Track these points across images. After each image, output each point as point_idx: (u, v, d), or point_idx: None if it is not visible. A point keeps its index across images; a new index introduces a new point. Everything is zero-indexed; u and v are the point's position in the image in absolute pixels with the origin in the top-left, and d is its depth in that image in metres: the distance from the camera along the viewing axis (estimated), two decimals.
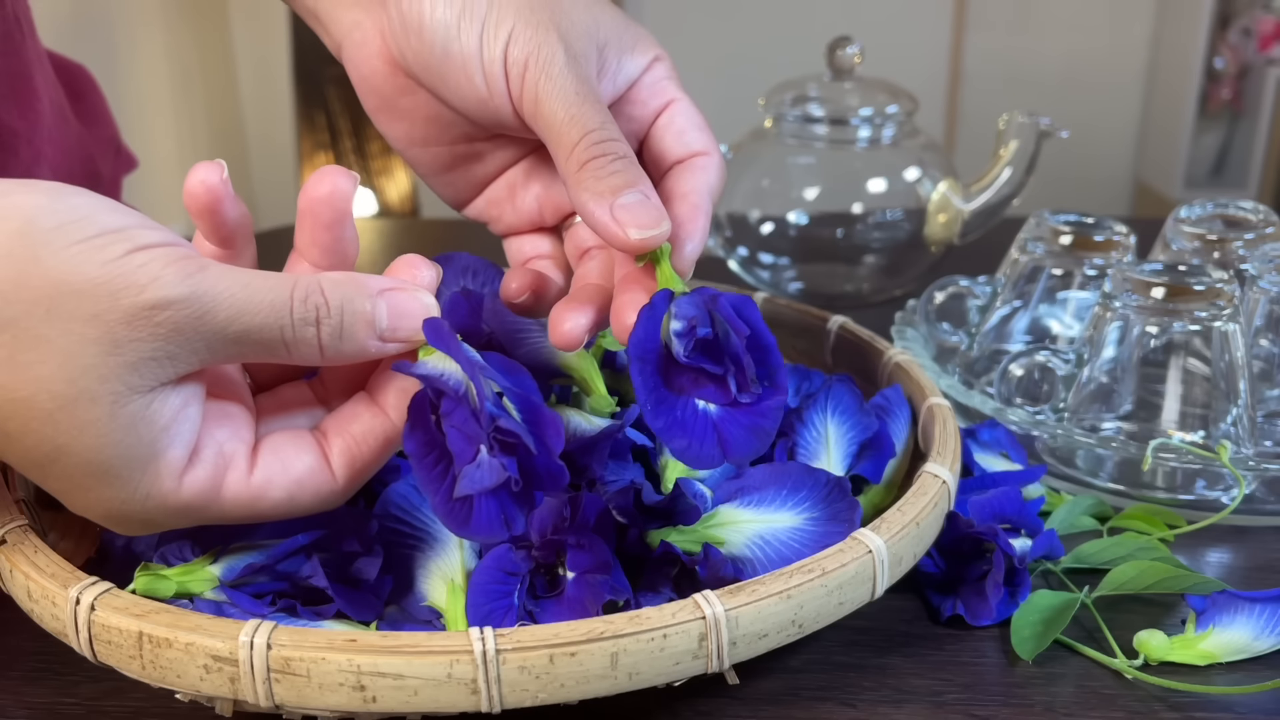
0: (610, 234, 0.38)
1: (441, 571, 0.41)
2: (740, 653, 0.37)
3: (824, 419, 0.49)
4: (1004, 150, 0.77)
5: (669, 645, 0.35)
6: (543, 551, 0.40)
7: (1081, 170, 2.67)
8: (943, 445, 0.47)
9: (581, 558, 0.40)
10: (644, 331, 0.37)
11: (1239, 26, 2.55)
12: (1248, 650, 0.43)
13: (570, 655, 0.34)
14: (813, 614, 0.38)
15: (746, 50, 2.56)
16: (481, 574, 0.40)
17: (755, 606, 0.36)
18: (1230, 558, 0.51)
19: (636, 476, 0.45)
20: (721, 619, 0.36)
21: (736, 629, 0.36)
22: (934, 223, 0.78)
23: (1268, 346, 0.61)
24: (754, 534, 0.42)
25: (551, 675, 0.34)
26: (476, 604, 0.39)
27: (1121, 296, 0.56)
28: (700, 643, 0.36)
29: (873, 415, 0.50)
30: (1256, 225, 0.65)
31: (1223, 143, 2.62)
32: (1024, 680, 0.42)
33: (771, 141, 0.80)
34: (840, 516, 0.42)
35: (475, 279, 0.53)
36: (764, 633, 0.37)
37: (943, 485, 0.44)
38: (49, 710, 0.41)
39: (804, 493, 0.43)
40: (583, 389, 0.47)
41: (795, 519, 0.42)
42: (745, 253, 0.80)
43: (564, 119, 0.39)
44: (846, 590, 0.39)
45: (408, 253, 0.40)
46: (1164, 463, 0.54)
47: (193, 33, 2.39)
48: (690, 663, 0.36)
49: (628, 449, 0.46)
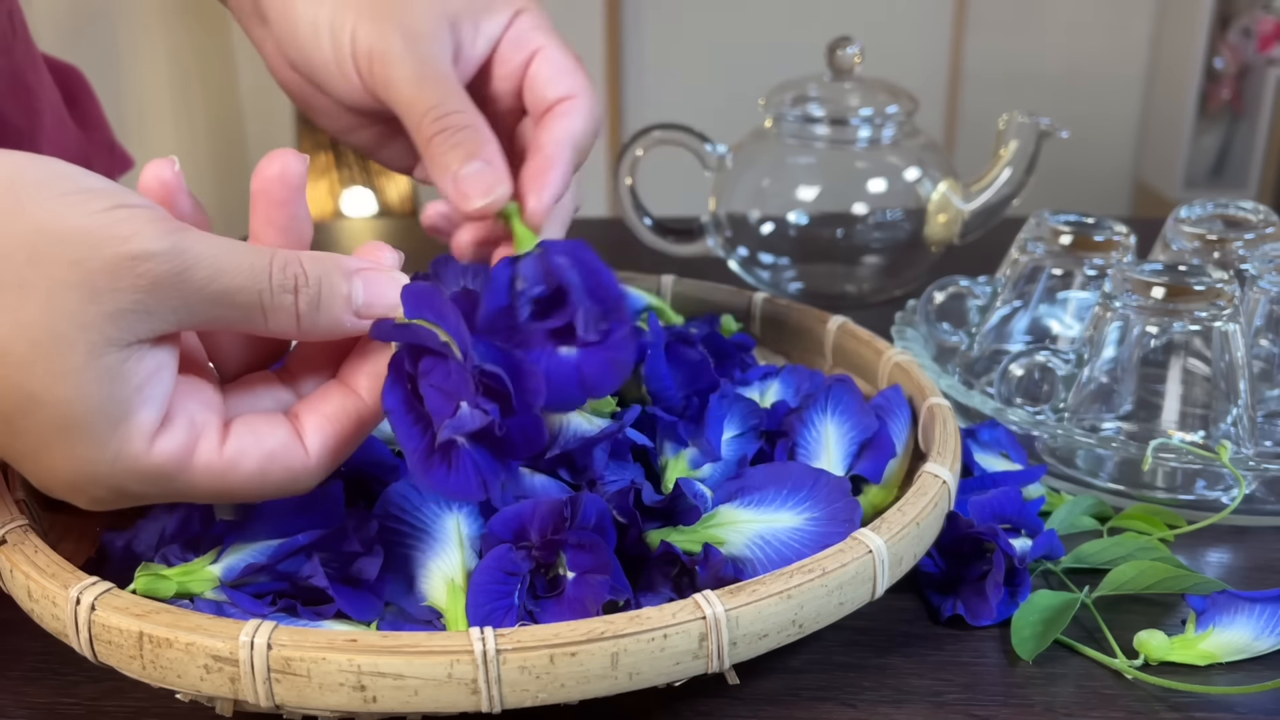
0: (456, 205, 0.42)
1: (442, 571, 0.41)
2: (740, 653, 0.37)
3: (824, 419, 0.50)
4: (1004, 150, 0.77)
5: (669, 645, 0.35)
6: (543, 551, 0.40)
7: (1081, 170, 2.67)
8: (943, 445, 0.47)
9: (582, 558, 0.40)
10: (491, 302, 0.40)
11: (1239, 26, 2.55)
12: (1248, 650, 0.43)
13: (571, 655, 0.34)
14: (813, 614, 0.38)
15: (747, 50, 2.56)
16: (482, 574, 0.40)
17: (755, 606, 0.36)
18: (1230, 558, 0.51)
19: (637, 476, 0.45)
20: (722, 619, 0.36)
21: (737, 629, 0.36)
22: (934, 223, 0.78)
23: (1268, 346, 0.61)
24: (754, 534, 0.42)
25: (552, 675, 0.34)
26: (477, 604, 0.39)
27: (1121, 296, 0.56)
28: (701, 643, 0.36)
29: (873, 415, 0.50)
30: (1256, 225, 0.65)
31: (1222, 143, 2.62)
32: (1024, 680, 0.42)
33: (772, 142, 0.80)
34: (840, 516, 0.42)
35: (475, 279, 0.53)
36: (764, 633, 0.37)
37: (943, 485, 0.44)
38: (49, 710, 0.41)
39: (804, 493, 0.43)
40: None
41: (796, 519, 0.42)
42: (745, 253, 0.80)
43: (407, 101, 0.43)
44: (847, 590, 0.39)
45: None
46: (1164, 463, 0.54)
47: (192, 34, 2.39)
48: (691, 663, 0.36)
49: (628, 449, 0.46)
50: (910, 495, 0.43)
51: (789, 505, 0.43)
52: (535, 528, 0.40)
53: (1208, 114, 2.59)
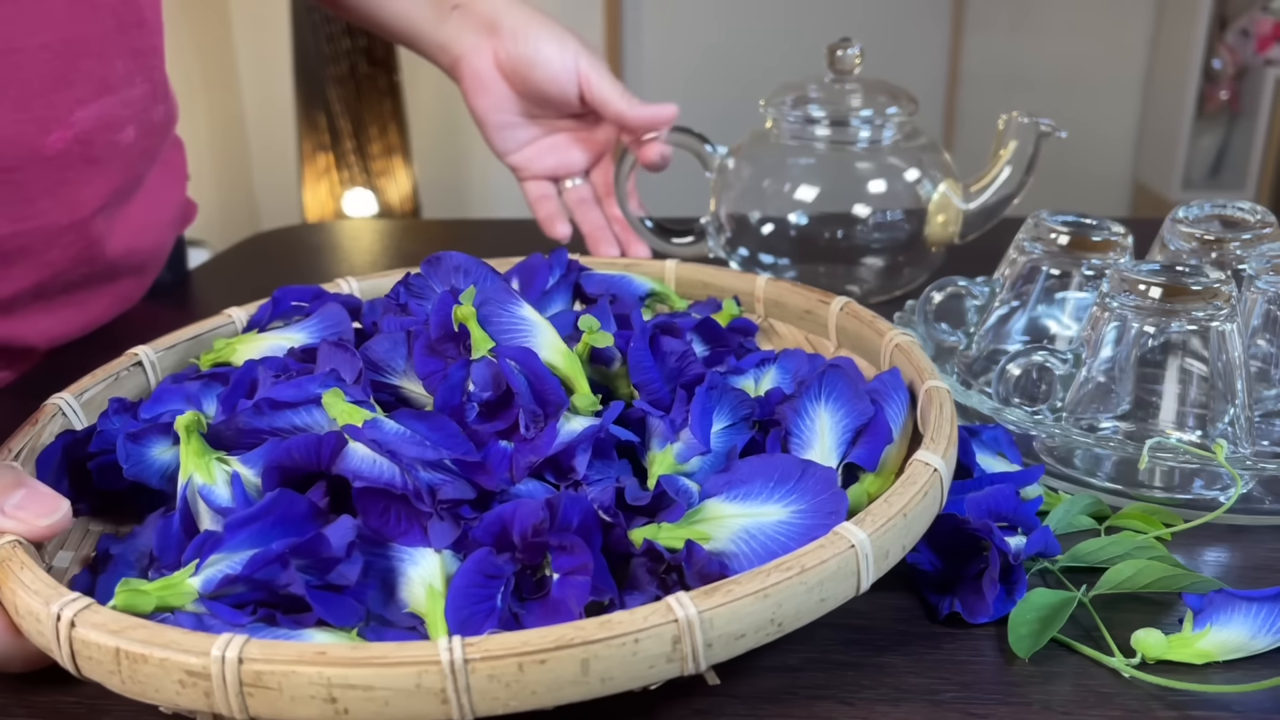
0: (649, 119, 0.78)
1: (422, 577, 0.41)
2: (717, 654, 0.36)
3: (817, 406, 0.48)
4: (1004, 151, 0.77)
5: (641, 650, 0.35)
6: (526, 554, 0.40)
7: (1080, 171, 2.68)
8: (938, 431, 0.45)
9: (565, 559, 0.40)
10: (443, 398, 0.46)
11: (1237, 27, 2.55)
12: (1244, 649, 0.43)
13: (540, 663, 0.34)
14: (792, 612, 0.37)
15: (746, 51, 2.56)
16: (462, 578, 0.40)
17: (731, 607, 0.36)
18: (1227, 557, 0.51)
19: (623, 474, 0.46)
20: (695, 621, 0.35)
21: (712, 630, 0.35)
22: (934, 223, 0.78)
23: (1265, 346, 0.61)
24: (739, 529, 0.41)
25: (521, 683, 0.34)
26: (456, 608, 0.39)
27: (1119, 296, 0.56)
28: (674, 645, 0.35)
29: (868, 401, 0.49)
30: (1254, 226, 0.65)
31: (1221, 143, 2.62)
32: (1021, 679, 0.42)
33: (772, 142, 0.80)
34: (826, 509, 0.41)
35: (466, 277, 0.53)
36: (741, 633, 0.36)
37: (934, 474, 0.42)
38: (50, 710, 0.41)
39: (790, 485, 0.42)
40: (567, 388, 0.48)
41: (782, 512, 0.41)
42: (745, 253, 0.80)
43: (610, 94, 0.78)
44: (828, 587, 0.38)
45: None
46: (1161, 462, 0.54)
47: (194, 34, 2.39)
48: (665, 666, 0.35)
49: (612, 446, 0.46)
50: (899, 485, 0.41)
51: (775, 498, 0.42)
52: (516, 530, 0.40)
53: (1206, 115, 2.59)
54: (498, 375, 0.46)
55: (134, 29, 0.65)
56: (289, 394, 0.45)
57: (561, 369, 0.48)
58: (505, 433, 0.46)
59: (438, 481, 0.42)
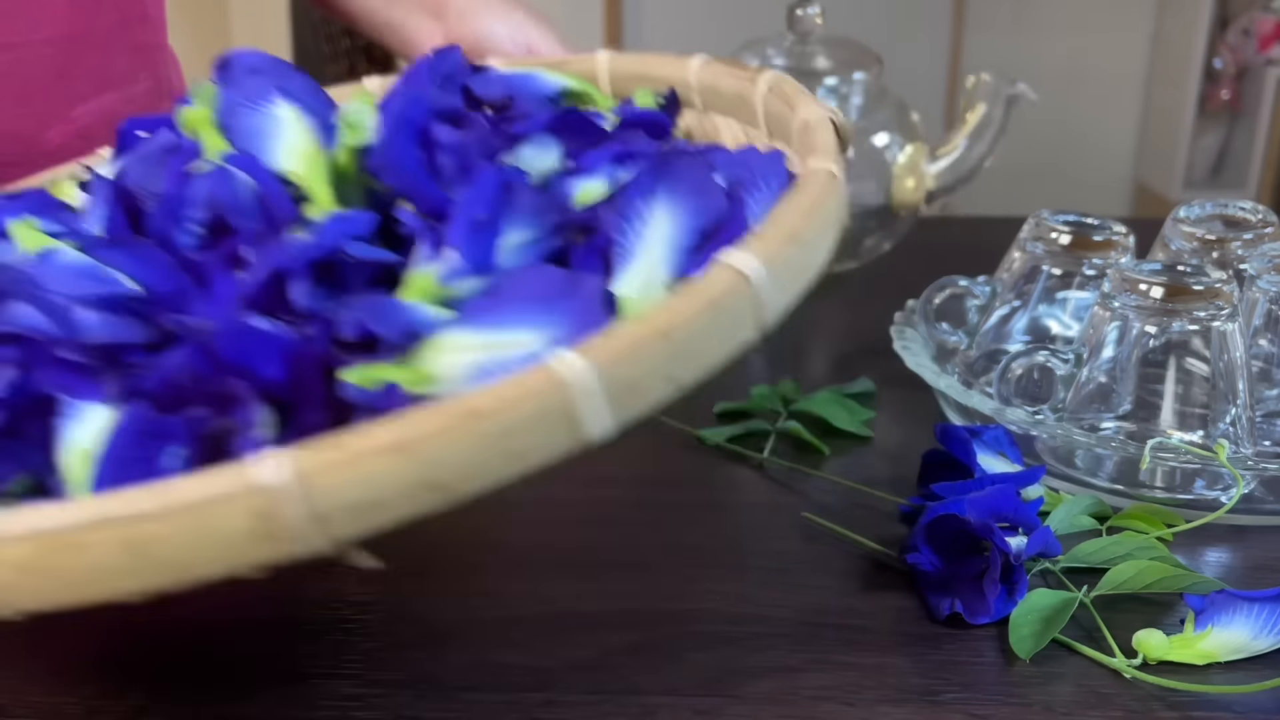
0: None
1: (78, 439, 0.34)
2: (348, 527, 0.26)
3: (648, 205, 0.37)
4: (970, 114, 0.76)
5: (210, 527, 0.25)
6: (214, 407, 0.33)
7: (1081, 170, 2.67)
8: (774, 222, 0.32)
9: (240, 413, 0.33)
10: (159, 221, 0.39)
11: (1238, 27, 2.55)
12: (1246, 649, 0.43)
13: (76, 548, 0.26)
14: (461, 471, 0.26)
15: None
16: (114, 440, 0.33)
17: (354, 468, 0.25)
18: (1229, 557, 0.51)
19: (364, 307, 0.35)
20: (293, 488, 0.25)
21: (329, 499, 0.25)
22: (901, 187, 0.77)
23: (1266, 346, 0.61)
24: (475, 365, 0.32)
25: (49, 571, 0.26)
26: (106, 478, 0.32)
27: (1120, 296, 0.56)
28: (264, 521, 0.25)
29: (722, 195, 0.38)
30: (1255, 225, 0.65)
31: (1222, 143, 2.62)
32: (1022, 679, 0.42)
33: None
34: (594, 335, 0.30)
35: (263, 81, 0.44)
36: (378, 500, 0.26)
37: (736, 278, 0.29)
38: (50, 709, 0.41)
39: (557, 308, 0.32)
40: (305, 196, 0.40)
41: (534, 341, 0.32)
42: None
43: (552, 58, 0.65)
44: (517, 437, 0.26)
45: None
46: (1162, 462, 0.54)
47: (193, 33, 2.39)
48: (253, 546, 0.26)
49: (365, 271, 0.38)
50: (678, 295, 0.29)
51: (534, 325, 0.32)
52: (159, 379, 0.33)
53: (1207, 114, 2.59)
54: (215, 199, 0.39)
55: (137, 25, 0.65)
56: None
57: (300, 174, 0.40)
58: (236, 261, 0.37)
59: (99, 324, 0.35)
